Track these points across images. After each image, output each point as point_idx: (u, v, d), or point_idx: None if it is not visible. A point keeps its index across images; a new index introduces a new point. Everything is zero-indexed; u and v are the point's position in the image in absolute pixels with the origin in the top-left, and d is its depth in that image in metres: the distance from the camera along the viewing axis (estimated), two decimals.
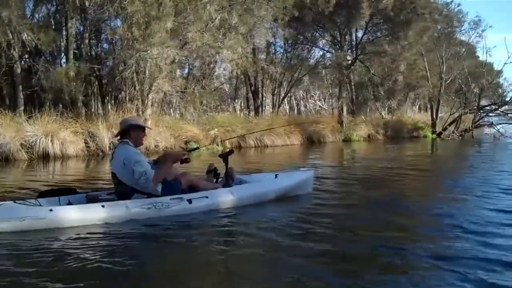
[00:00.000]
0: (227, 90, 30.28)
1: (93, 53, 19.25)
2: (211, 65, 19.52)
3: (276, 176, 7.17)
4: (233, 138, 17.73)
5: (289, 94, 34.50)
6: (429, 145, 23.90)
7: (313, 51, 28.71)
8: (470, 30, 29.99)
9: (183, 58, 18.10)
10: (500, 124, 28.49)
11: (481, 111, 28.58)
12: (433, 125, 28.92)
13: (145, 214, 5.55)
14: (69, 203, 5.64)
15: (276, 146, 20.33)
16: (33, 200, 5.55)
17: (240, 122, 20.50)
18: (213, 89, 25.79)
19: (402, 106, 31.32)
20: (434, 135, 28.25)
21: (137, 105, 17.00)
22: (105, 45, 19.82)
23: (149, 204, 5.63)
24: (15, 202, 5.36)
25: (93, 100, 18.65)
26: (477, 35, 29.74)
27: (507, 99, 29.50)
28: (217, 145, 18.80)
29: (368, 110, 29.66)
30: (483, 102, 30.23)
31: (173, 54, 14.95)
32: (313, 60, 28.96)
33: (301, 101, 38.03)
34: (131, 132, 5.95)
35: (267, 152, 18.72)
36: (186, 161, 6.33)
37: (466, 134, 27.53)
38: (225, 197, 6.25)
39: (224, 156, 6.76)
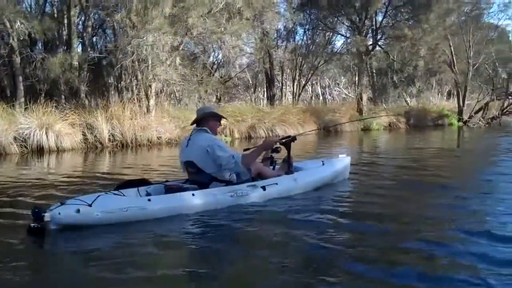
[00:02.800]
0: (249, 79, 29.46)
1: (95, 41, 18.57)
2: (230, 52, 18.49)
3: (323, 163, 7.33)
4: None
5: (314, 82, 33.84)
6: (455, 134, 22.73)
7: (334, 37, 27.78)
8: (499, 13, 28.63)
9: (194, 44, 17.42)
10: None
11: (510, 97, 27.13)
12: (460, 112, 27.70)
13: (229, 201, 5.68)
14: (148, 194, 5.62)
15: (289, 137, 19.39)
16: (115, 191, 5.44)
17: (251, 112, 19.64)
18: (227, 78, 25.14)
19: (423, 93, 29.96)
20: (461, 123, 27.01)
21: (138, 94, 16.25)
22: (108, 34, 19.07)
23: (231, 191, 5.73)
24: (107, 193, 5.30)
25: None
26: (507, 17, 28.36)
27: None
28: (225, 136, 18.04)
29: (390, 98, 28.51)
30: None
31: (170, 41, 14.09)
32: (335, 47, 28.09)
33: (326, 89, 37.03)
34: (208, 121, 5.96)
35: None
36: (277, 150, 6.48)
37: (494, 122, 26.22)
38: (292, 184, 6.42)
39: (287, 143, 6.69)
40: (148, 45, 14.12)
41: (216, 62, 24.61)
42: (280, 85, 26.81)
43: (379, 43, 25.08)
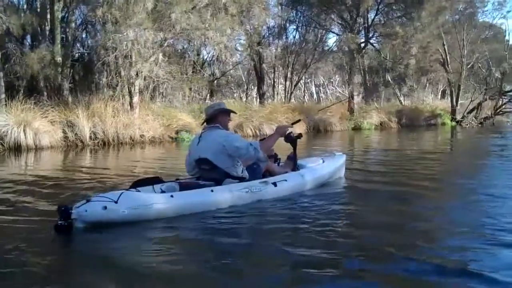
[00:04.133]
0: (243, 77, 29.08)
1: (78, 37, 18.19)
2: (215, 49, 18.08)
3: (323, 160, 7.41)
4: None
5: (308, 80, 33.54)
6: (446, 134, 22.44)
7: (326, 35, 27.41)
8: (494, 11, 28.28)
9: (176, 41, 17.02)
10: None
11: (503, 97, 26.80)
12: (453, 112, 27.41)
13: (244, 198, 5.68)
14: (163, 192, 5.53)
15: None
16: (133, 189, 5.33)
17: (238, 110, 19.24)
18: (218, 76, 24.83)
19: (414, 92, 29.67)
20: (454, 123, 26.71)
21: (122, 92, 15.88)
22: (90, 30, 18.67)
23: (246, 188, 5.72)
24: (128, 190, 5.23)
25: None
26: (502, 16, 28.07)
27: None
28: None
29: (382, 97, 28.19)
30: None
31: (152, 36, 13.70)
32: (327, 45, 27.80)
33: (321, 88, 36.71)
34: (218, 117, 5.91)
35: None
36: (290, 137, 6.43)
37: (487, 122, 25.92)
38: (299, 181, 6.47)
39: (293, 141, 6.62)
40: (129, 40, 13.72)
41: (205, 59, 24.37)
42: (272, 83, 26.48)
43: (371, 41, 24.69)
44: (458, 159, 12.09)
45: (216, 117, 5.92)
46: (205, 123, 6.07)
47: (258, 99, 24.65)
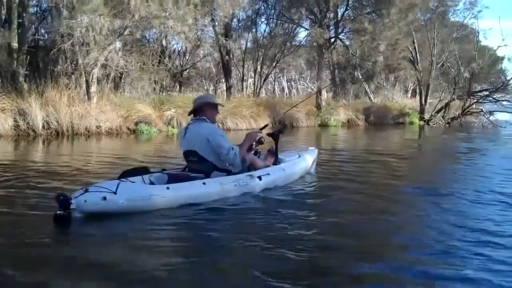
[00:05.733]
0: (213, 70, 28.50)
1: (35, 23, 17.49)
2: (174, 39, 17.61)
3: (299, 155, 7.61)
4: None
5: (280, 75, 33.20)
6: (412, 134, 22.27)
7: (296, 30, 26.98)
8: (465, 11, 28.22)
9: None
10: (492, 111, 26.92)
11: (471, 97, 26.74)
12: (422, 111, 27.29)
13: (234, 190, 5.83)
14: (151, 182, 5.66)
15: (240, 130, 18.63)
16: (124, 179, 5.27)
17: None
18: (185, 67, 24.33)
19: (381, 89, 29.53)
20: (422, 122, 26.61)
21: (78, 80, 15.30)
22: (46, 15, 17.97)
23: (235, 181, 5.87)
24: (123, 180, 5.18)
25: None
26: (472, 16, 28.02)
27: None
28: (173, 127, 17.23)
29: (351, 93, 27.95)
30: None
31: (107, 23, 13.14)
32: (297, 40, 27.38)
33: (292, 83, 36.37)
34: (206, 110, 5.99)
35: (229, 136, 17.06)
36: (261, 142, 6.58)
37: (454, 122, 25.86)
38: (281, 174, 6.72)
39: (275, 135, 6.92)
40: (83, 27, 13.15)
41: (174, 50, 23.87)
42: (241, 76, 26.03)
43: (340, 36, 24.37)
44: (422, 161, 11.84)
45: (203, 110, 5.98)
46: (192, 115, 6.13)
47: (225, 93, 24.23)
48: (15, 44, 15.36)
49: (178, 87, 23.94)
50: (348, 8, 23.99)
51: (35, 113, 14.35)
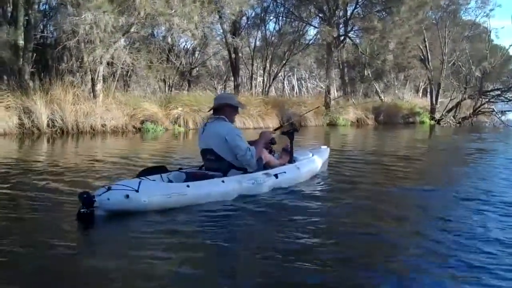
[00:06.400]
0: (223, 68, 28.34)
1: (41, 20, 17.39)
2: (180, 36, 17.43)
3: (312, 154, 7.70)
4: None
5: (291, 73, 32.97)
6: (425, 134, 21.93)
7: (305, 28, 26.71)
8: (476, 9, 27.87)
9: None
10: (504, 111, 26.57)
11: (483, 96, 26.38)
12: (433, 110, 26.98)
13: (252, 188, 5.90)
14: (170, 181, 5.74)
15: (247, 129, 18.46)
16: (144, 178, 5.35)
17: (208, 102, 18.63)
18: (194, 65, 24.20)
19: (390, 88, 29.21)
20: (432, 122, 26.28)
21: (84, 78, 15.18)
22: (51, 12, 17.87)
23: (252, 179, 5.95)
24: (141, 179, 5.25)
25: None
26: (484, 14, 27.65)
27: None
28: (179, 126, 17.09)
29: (360, 92, 27.66)
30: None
31: (112, 21, 13.00)
32: (307, 38, 27.12)
33: (303, 82, 36.14)
34: (226, 110, 6.05)
35: None
36: (272, 142, 6.64)
37: (465, 122, 25.51)
38: (296, 173, 6.82)
39: (290, 134, 7.01)
40: (87, 24, 13.01)
41: (183, 48, 23.74)
42: (250, 74, 25.85)
43: (349, 35, 24.12)
44: (432, 162, 11.57)
45: (223, 109, 6.05)
46: (211, 112, 6.23)
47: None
48: (21, 42, 15.30)
49: (187, 85, 23.83)
50: (358, 6, 23.78)
51: (40, 111, 14.28)
